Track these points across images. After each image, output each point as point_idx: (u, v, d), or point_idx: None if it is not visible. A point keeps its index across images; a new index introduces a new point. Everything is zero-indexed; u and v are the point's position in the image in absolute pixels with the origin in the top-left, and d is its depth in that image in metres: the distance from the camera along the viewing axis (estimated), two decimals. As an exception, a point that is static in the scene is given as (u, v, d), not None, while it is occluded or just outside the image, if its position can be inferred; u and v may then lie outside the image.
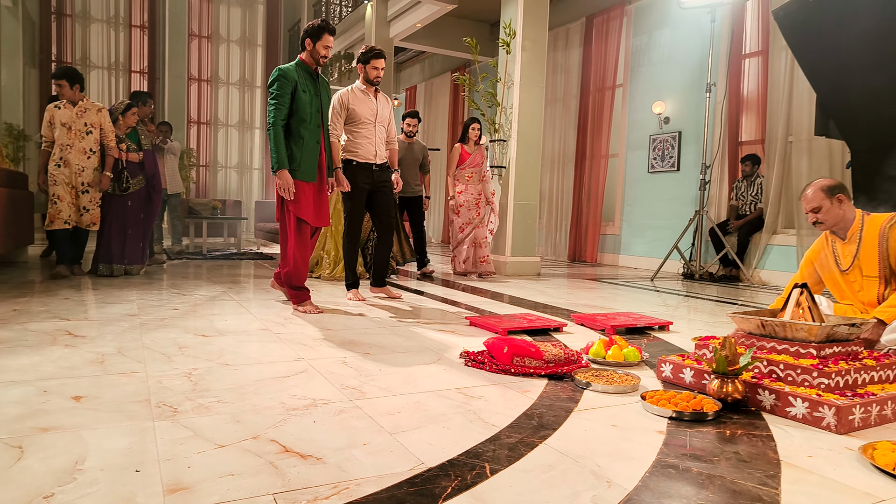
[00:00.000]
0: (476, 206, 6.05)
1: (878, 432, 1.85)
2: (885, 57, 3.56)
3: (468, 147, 6.09)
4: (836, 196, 2.60)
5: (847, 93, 3.88)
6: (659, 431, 1.80)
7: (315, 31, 3.60)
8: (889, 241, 2.49)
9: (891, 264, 2.51)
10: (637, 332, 3.44)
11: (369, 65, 4.08)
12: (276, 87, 3.52)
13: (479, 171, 6.08)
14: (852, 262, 2.60)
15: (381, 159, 4.19)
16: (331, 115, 4.05)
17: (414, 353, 2.73)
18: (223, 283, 5.07)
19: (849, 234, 2.60)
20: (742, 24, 6.71)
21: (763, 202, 6.42)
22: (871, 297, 2.57)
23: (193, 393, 2.02)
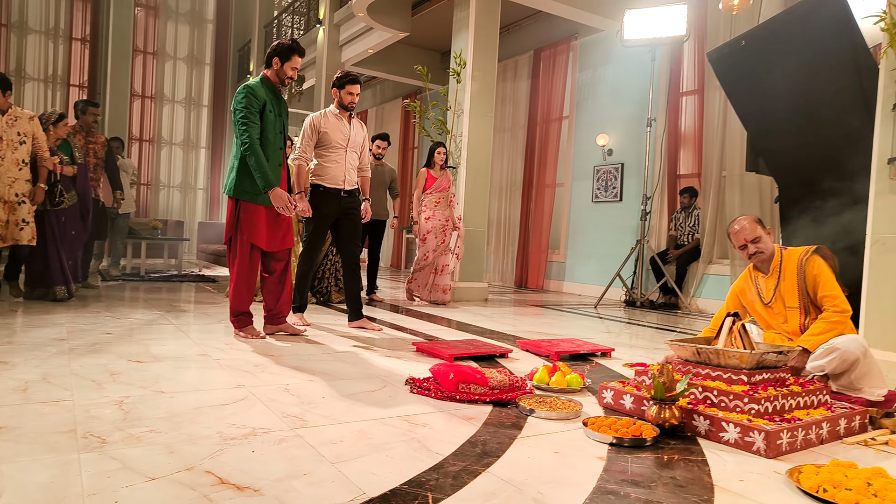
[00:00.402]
0: (443, 233, 5.99)
1: (803, 456, 1.94)
2: (806, 99, 3.81)
3: (434, 171, 6.03)
4: (766, 228, 2.75)
5: (773, 131, 4.12)
6: (600, 457, 1.83)
7: (285, 51, 3.54)
8: (806, 274, 2.64)
9: (809, 295, 2.65)
10: (580, 358, 3.50)
11: (344, 90, 4.03)
12: (244, 104, 3.40)
13: (445, 195, 6.04)
14: (773, 295, 2.73)
15: (350, 185, 4.09)
16: (301, 138, 4.00)
17: (359, 379, 2.70)
18: (161, 306, 4.89)
19: (771, 268, 2.74)
20: (680, 64, 7.06)
21: (700, 233, 6.70)
22: (794, 326, 2.71)
23: (124, 422, 1.92)
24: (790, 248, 2.75)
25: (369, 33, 9.28)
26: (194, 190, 15.15)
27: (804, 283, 2.64)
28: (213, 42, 15.31)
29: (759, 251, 2.72)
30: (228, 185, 3.50)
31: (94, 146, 5.81)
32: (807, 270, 2.63)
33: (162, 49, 14.58)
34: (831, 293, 2.59)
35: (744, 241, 2.73)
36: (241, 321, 3.62)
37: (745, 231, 2.72)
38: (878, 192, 3.10)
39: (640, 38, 6.30)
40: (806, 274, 2.63)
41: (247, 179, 3.46)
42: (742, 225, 2.75)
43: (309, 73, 12.14)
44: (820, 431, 2.06)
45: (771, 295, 2.74)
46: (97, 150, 5.84)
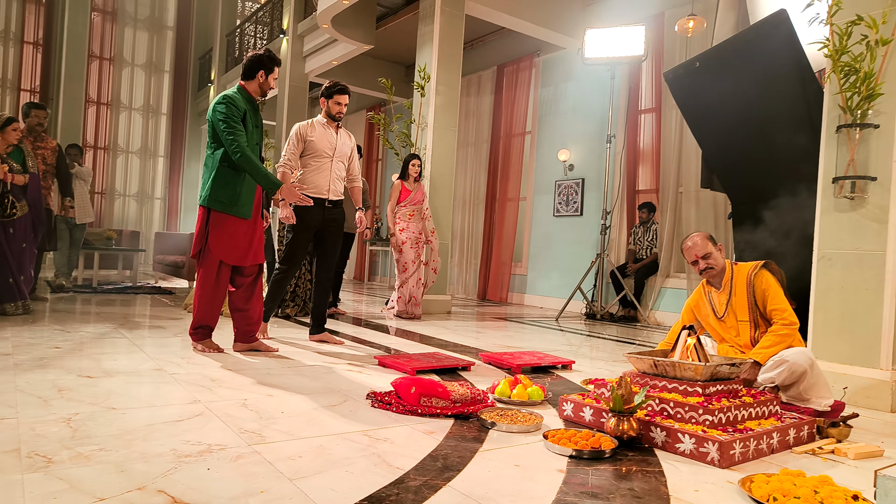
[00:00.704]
0: (417, 245, 5.95)
1: (755, 465, 1.99)
2: (756, 119, 3.96)
3: (408, 184, 5.98)
4: (718, 244, 2.85)
5: (726, 150, 4.27)
6: (559, 470, 1.84)
7: (269, 63, 3.52)
8: (755, 289, 2.74)
9: (759, 308, 2.75)
10: (542, 370, 3.53)
11: (332, 99, 4.00)
12: (227, 113, 3.34)
13: (420, 208, 6.00)
14: (726, 309, 2.82)
15: (335, 195, 4.02)
16: (287, 146, 3.95)
17: (320, 394, 2.66)
18: (114, 319, 4.74)
19: (723, 283, 2.84)
20: (638, 82, 7.26)
21: (658, 247, 6.86)
22: (745, 339, 2.80)
23: (72, 441, 1.85)
24: (740, 263, 2.85)
25: (333, 45, 9.26)
26: (151, 200, 14.79)
27: (753, 297, 2.74)
28: (174, 49, 15.04)
29: (709, 267, 2.81)
30: (203, 195, 3.42)
31: (44, 151, 5.56)
32: (756, 285, 2.73)
33: (119, 55, 14.25)
34: (779, 307, 2.68)
35: (695, 257, 2.82)
36: (200, 334, 3.54)
37: (696, 247, 2.81)
38: (823, 209, 3.23)
39: (601, 56, 6.46)
40: (755, 288, 2.73)
41: (222, 189, 3.38)
42: (694, 241, 2.84)
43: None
44: (771, 441, 2.13)
45: (723, 309, 2.82)
46: (46, 155, 5.59)
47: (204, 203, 3.42)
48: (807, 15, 3.64)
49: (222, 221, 3.42)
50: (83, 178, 6.84)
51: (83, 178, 6.84)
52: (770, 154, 3.97)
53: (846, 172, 3.10)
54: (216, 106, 3.39)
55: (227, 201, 3.40)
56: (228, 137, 3.32)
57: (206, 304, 3.48)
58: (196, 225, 3.49)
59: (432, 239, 6.09)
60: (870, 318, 3.02)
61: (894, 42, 2.98)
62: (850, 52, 3.03)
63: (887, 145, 3.01)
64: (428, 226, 6.07)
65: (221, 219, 3.41)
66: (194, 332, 3.54)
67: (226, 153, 3.39)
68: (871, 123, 3.03)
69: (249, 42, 12.49)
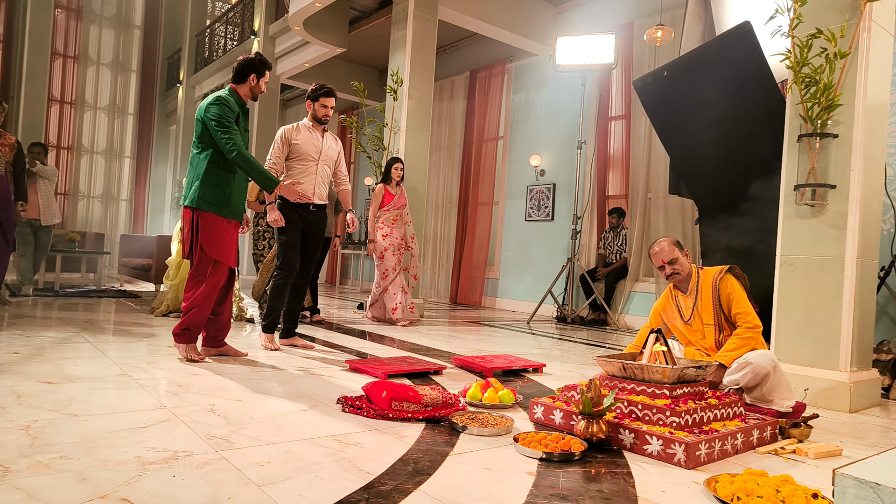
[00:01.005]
0: (399, 251, 5.85)
1: (720, 466, 2.04)
2: (722, 128, 4.06)
3: (391, 188, 5.86)
4: (684, 250, 2.91)
5: (693, 157, 4.36)
6: (530, 473, 1.85)
7: (261, 67, 3.49)
8: (720, 293, 2.80)
9: (724, 312, 2.81)
10: (513, 374, 3.55)
11: (318, 102, 3.93)
12: (220, 114, 3.28)
13: (402, 213, 5.89)
14: (692, 313, 2.88)
15: (320, 199, 3.96)
16: (273, 149, 3.88)
17: (289, 399, 2.63)
18: (77, 323, 4.61)
19: (689, 287, 2.90)
20: (609, 90, 7.38)
21: (627, 252, 6.96)
22: (710, 342, 2.86)
23: (31, 449, 1.80)
24: (706, 268, 2.91)
25: (306, 47, 9.20)
26: (117, 201, 14.46)
27: (718, 301, 2.80)
28: (141, 48, 14.76)
29: (675, 272, 2.86)
30: (191, 196, 3.33)
31: (2, 148, 5.23)
32: (721, 289, 2.79)
33: (84, 53, 13.92)
34: (743, 310, 2.75)
35: (661, 263, 2.87)
36: (187, 337, 3.38)
37: (662, 253, 2.86)
38: (785, 216, 3.33)
39: (572, 63, 6.54)
40: (720, 293, 2.79)
41: (211, 190, 3.32)
42: (661, 247, 2.89)
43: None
44: (735, 442, 2.17)
45: (690, 313, 2.88)
46: (4, 152, 5.27)
47: (192, 204, 3.32)
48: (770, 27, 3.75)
49: (212, 222, 3.35)
50: (48, 178, 6.49)
51: (48, 178, 6.49)
52: (735, 161, 4.07)
53: (807, 180, 3.19)
54: (209, 107, 3.32)
55: (216, 202, 3.34)
56: (224, 137, 3.27)
57: (204, 304, 3.37)
58: (184, 226, 3.40)
59: (412, 245, 6.01)
60: (829, 321, 3.12)
61: (852, 55, 3.09)
62: (810, 63, 3.13)
63: (846, 154, 3.11)
64: (408, 231, 5.99)
65: (211, 219, 3.34)
66: (181, 334, 3.38)
67: (215, 154, 3.34)
68: (831, 133, 3.13)
69: (220, 43, 12.33)
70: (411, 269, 6.08)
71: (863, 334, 3.16)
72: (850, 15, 3.11)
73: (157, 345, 3.84)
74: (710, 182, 4.37)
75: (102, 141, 14.23)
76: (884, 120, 3.31)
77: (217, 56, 12.29)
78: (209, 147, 3.36)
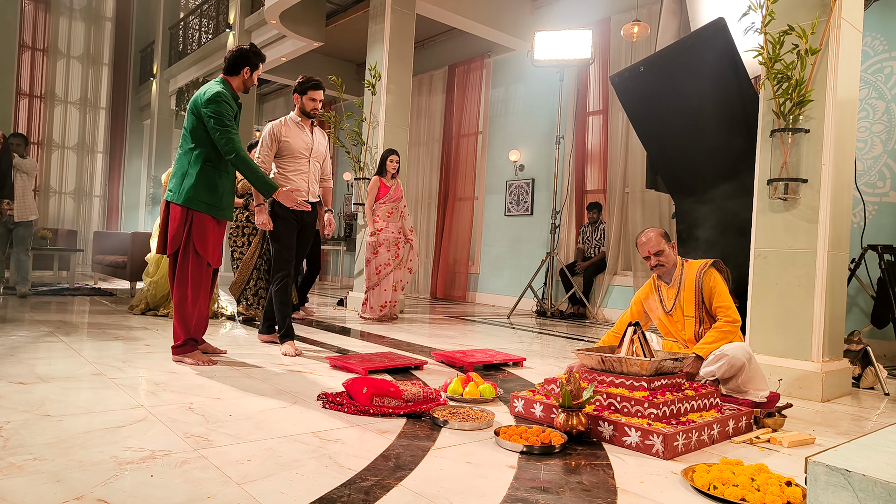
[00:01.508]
0: (396, 245, 5.69)
1: (697, 456, 2.07)
2: (697, 123, 4.11)
3: (387, 180, 5.71)
4: (671, 242, 2.93)
5: (669, 152, 4.41)
6: (510, 466, 1.87)
7: (254, 59, 3.34)
8: (703, 286, 2.85)
9: (705, 305, 2.86)
10: (493, 368, 3.57)
11: (306, 96, 3.75)
12: (218, 111, 3.14)
13: (398, 206, 5.76)
14: (674, 304, 2.92)
15: (313, 197, 3.83)
16: (260, 147, 3.72)
17: (268, 396, 2.61)
18: (50, 322, 4.52)
19: (673, 279, 2.93)
20: (586, 85, 7.42)
21: (606, 246, 7.03)
22: (689, 334, 2.90)
23: (4, 450, 1.76)
24: (690, 260, 2.95)
25: (282, 41, 9.10)
26: (90, 197, 14.18)
27: (701, 294, 2.84)
28: (113, 41, 14.45)
29: (659, 263, 2.90)
30: (181, 194, 3.17)
31: None
32: (704, 282, 2.83)
33: (54, 46, 13.59)
34: (724, 304, 2.79)
35: (647, 253, 2.90)
36: (187, 347, 3.26)
37: (649, 244, 2.89)
38: (759, 210, 3.38)
39: (550, 59, 6.57)
40: (703, 285, 2.83)
41: (205, 190, 3.19)
42: (648, 237, 2.92)
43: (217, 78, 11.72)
44: (711, 432, 2.21)
45: (672, 304, 2.92)
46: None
47: (185, 203, 3.17)
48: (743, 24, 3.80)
49: (205, 223, 3.22)
50: (26, 171, 6.11)
51: (26, 171, 6.11)
52: (709, 156, 4.13)
53: (780, 175, 3.25)
54: (208, 103, 3.16)
55: (208, 202, 3.21)
56: (222, 138, 3.14)
57: (199, 310, 3.25)
58: (170, 223, 3.22)
59: (412, 237, 5.82)
60: (802, 313, 3.18)
61: (822, 51, 3.15)
62: (782, 60, 3.19)
63: (817, 149, 3.17)
64: (407, 224, 5.81)
65: (205, 220, 3.22)
66: (183, 345, 3.25)
67: (210, 152, 3.21)
68: (802, 128, 3.19)
69: (194, 36, 12.13)
70: (408, 263, 5.83)
71: (834, 325, 3.24)
72: (820, 12, 3.17)
73: (134, 343, 3.78)
74: (685, 177, 4.43)
75: (74, 136, 13.93)
76: (853, 115, 3.38)
77: (192, 49, 12.10)
78: (203, 144, 3.21)
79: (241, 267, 5.12)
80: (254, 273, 5.14)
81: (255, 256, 5.08)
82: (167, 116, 13.32)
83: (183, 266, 3.23)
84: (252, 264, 5.09)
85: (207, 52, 11.21)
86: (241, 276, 5.13)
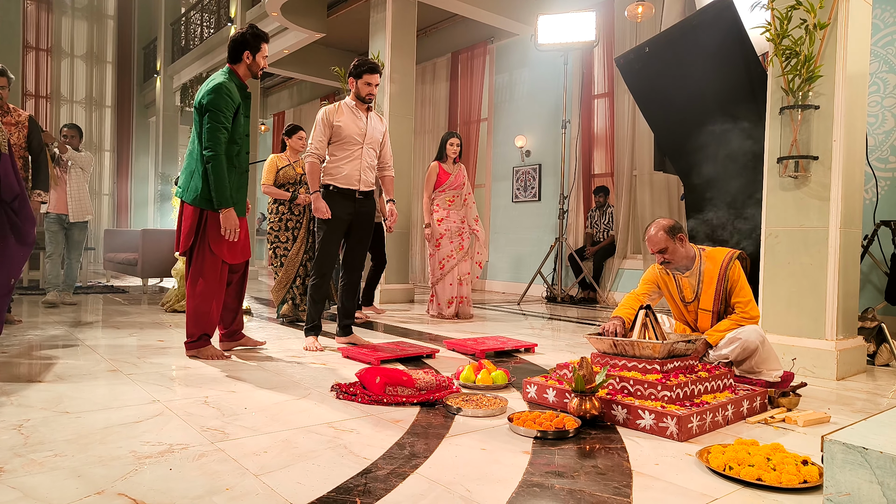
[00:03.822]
0: (459, 236, 5.24)
1: (711, 437, 2.07)
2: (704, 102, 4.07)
3: (447, 166, 5.24)
4: (678, 236, 2.79)
5: (676, 133, 4.37)
6: (525, 452, 1.87)
7: (254, 41, 3.23)
8: (729, 281, 2.76)
9: (726, 300, 2.80)
10: (505, 355, 3.57)
11: (361, 80, 3.58)
12: (216, 104, 3.07)
13: (460, 193, 5.30)
14: (695, 296, 2.85)
15: (366, 186, 3.65)
16: (313, 132, 3.60)
17: (282, 388, 2.63)
18: (65, 320, 4.57)
19: (692, 270, 2.83)
20: (591, 68, 7.35)
21: (614, 230, 7.00)
22: (704, 327, 2.85)
23: (24, 448, 1.79)
24: (709, 249, 2.83)
25: (284, 33, 9.06)
26: (99, 196, 14.27)
27: (724, 289, 2.75)
28: (115, 39, 14.46)
29: (666, 261, 2.78)
30: (190, 193, 3.16)
31: (10, 127, 4.25)
32: (729, 277, 2.74)
33: (57, 45, 13.63)
34: (744, 299, 2.73)
35: (652, 251, 2.80)
36: (201, 343, 3.25)
37: (652, 242, 2.76)
38: (769, 188, 3.35)
39: (553, 42, 6.51)
40: (728, 280, 2.75)
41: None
42: (650, 235, 2.78)
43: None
44: (726, 413, 2.21)
45: (692, 295, 2.84)
46: (12, 132, 4.26)
47: (192, 202, 3.16)
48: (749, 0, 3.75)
49: (218, 221, 3.18)
50: (81, 166, 5.52)
51: (81, 166, 5.52)
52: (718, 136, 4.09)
53: (790, 152, 3.22)
54: (206, 94, 3.11)
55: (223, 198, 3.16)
56: (208, 133, 3.08)
57: (211, 307, 3.22)
58: (183, 221, 3.21)
59: (477, 228, 5.37)
60: (815, 291, 3.16)
61: (831, 25, 3.10)
62: (790, 35, 3.14)
63: (827, 126, 3.13)
64: (471, 213, 5.37)
65: (217, 218, 3.18)
66: (196, 341, 3.25)
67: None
68: (812, 105, 3.15)
69: (196, 31, 12.11)
70: (476, 256, 5.41)
71: (847, 303, 3.21)
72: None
73: (148, 339, 3.82)
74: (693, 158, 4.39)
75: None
76: (864, 90, 3.33)
77: (194, 45, 12.09)
78: None
79: (287, 265, 4.68)
80: (300, 270, 4.72)
81: (301, 253, 4.69)
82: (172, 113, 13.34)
83: (197, 263, 3.22)
84: (298, 261, 4.68)
85: (210, 46, 11.19)
86: (287, 274, 4.69)
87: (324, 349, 3.60)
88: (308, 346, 3.58)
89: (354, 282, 3.80)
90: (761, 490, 1.61)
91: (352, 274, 3.77)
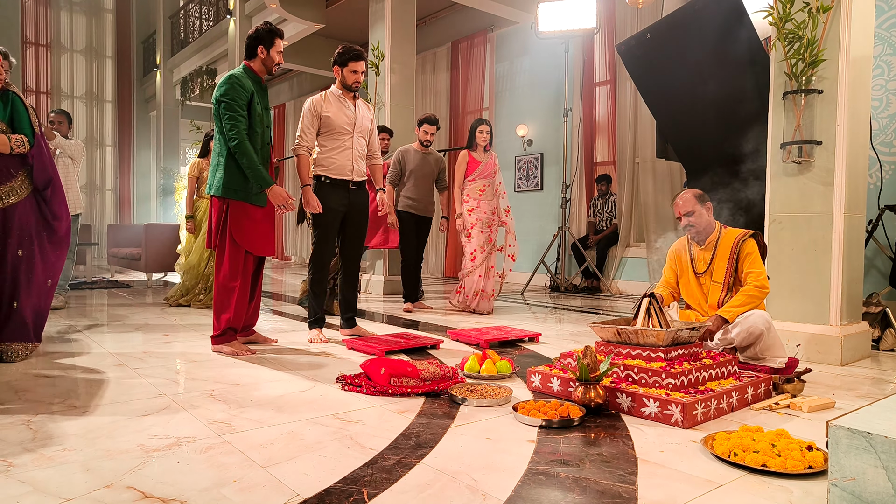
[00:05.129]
0: (489, 227, 5.06)
1: (716, 424, 2.07)
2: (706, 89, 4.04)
3: (476, 154, 5.07)
4: (706, 204, 2.87)
5: (679, 120, 4.35)
6: (530, 440, 1.88)
7: (267, 37, 3.24)
8: (740, 252, 2.80)
9: (737, 273, 2.81)
10: (509, 344, 3.58)
11: (347, 67, 3.52)
12: (229, 95, 3.09)
13: (492, 182, 5.09)
14: (707, 268, 2.89)
15: (358, 176, 3.62)
16: (301, 123, 3.54)
17: (288, 380, 2.64)
18: (70, 316, 4.59)
19: (707, 241, 2.89)
20: (593, 55, 7.31)
21: (617, 218, 6.98)
22: (714, 300, 2.87)
23: (33, 442, 1.80)
24: (730, 228, 2.89)
25: (283, 25, 9.01)
26: (101, 191, 14.29)
27: (735, 260, 2.79)
28: (115, 33, 14.44)
29: (690, 224, 2.85)
30: (215, 184, 3.17)
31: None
32: (742, 249, 2.78)
33: (56, 41, 13.61)
34: (756, 270, 2.75)
35: (678, 213, 2.87)
36: (228, 336, 3.25)
37: (678, 205, 2.87)
38: (773, 174, 3.34)
39: (554, 30, 6.46)
40: (740, 252, 2.79)
41: (235, 177, 3.16)
42: (683, 198, 2.88)
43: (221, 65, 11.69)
44: (730, 400, 2.21)
45: (705, 267, 2.88)
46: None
47: (217, 193, 3.17)
48: (752, -16, 3.71)
49: (242, 210, 3.18)
50: (71, 156, 5.09)
51: (71, 156, 5.09)
52: (721, 122, 4.07)
53: (793, 137, 3.20)
54: (219, 87, 3.15)
55: (242, 189, 3.17)
56: (228, 123, 3.09)
57: (239, 299, 3.21)
58: (213, 216, 3.22)
59: (507, 220, 5.15)
60: (819, 277, 3.15)
61: (834, 8, 3.07)
62: (793, 19, 3.11)
63: (831, 110, 3.11)
64: (502, 204, 5.14)
65: (241, 208, 3.18)
66: (223, 335, 3.23)
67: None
68: (815, 89, 3.13)
69: (195, 24, 12.07)
70: (506, 249, 5.19)
71: (852, 288, 3.20)
72: (832, -32, 3.08)
73: (153, 334, 3.83)
74: (696, 144, 4.37)
75: (82, 130, 13.99)
76: (867, 73, 3.31)
77: (193, 38, 12.05)
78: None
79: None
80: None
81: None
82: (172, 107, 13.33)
83: (220, 255, 3.23)
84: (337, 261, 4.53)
85: (209, 39, 11.16)
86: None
87: (328, 341, 3.61)
88: (312, 339, 3.59)
89: (354, 273, 3.78)
90: (766, 476, 1.62)
91: (351, 265, 3.76)
